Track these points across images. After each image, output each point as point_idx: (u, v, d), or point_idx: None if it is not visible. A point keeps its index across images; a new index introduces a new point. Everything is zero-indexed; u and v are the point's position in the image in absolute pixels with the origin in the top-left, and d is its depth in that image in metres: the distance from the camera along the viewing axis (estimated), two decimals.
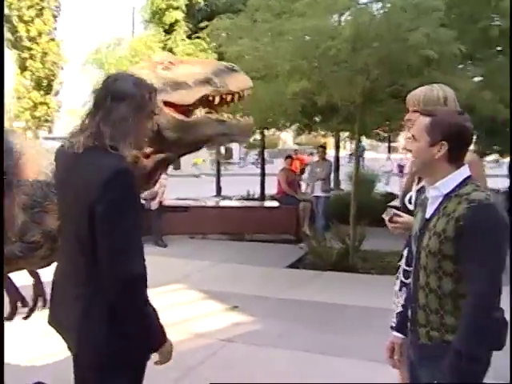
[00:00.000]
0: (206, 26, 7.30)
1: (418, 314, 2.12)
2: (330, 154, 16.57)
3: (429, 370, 2.06)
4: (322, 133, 13.02)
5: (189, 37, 10.35)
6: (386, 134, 16.27)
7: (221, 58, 7.89)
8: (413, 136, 2.13)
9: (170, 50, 10.24)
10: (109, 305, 1.91)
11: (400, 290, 2.83)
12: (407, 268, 2.79)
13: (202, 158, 25.24)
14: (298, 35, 6.19)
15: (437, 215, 2.06)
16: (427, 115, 2.10)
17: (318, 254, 7.86)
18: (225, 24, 6.73)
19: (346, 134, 13.43)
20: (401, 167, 19.98)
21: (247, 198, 12.89)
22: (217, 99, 2.89)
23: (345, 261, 7.58)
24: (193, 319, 5.38)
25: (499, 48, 7.92)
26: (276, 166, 15.90)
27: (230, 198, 13.26)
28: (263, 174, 13.42)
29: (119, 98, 1.98)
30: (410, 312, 2.21)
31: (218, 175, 15.69)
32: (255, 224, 9.95)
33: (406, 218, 2.63)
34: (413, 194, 2.78)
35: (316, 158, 11.10)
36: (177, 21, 10.56)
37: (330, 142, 20.55)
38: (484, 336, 1.92)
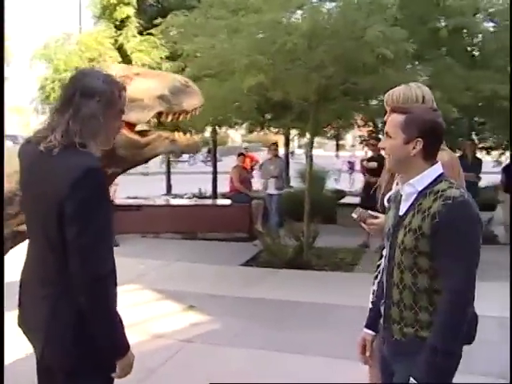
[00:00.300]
0: (160, 23, 7.19)
1: (392, 311, 2.13)
2: (280, 151, 16.62)
3: (403, 365, 2.07)
4: (274, 130, 13.06)
5: (140, 33, 10.17)
6: (334, 132, 16.48)
7: (174, 55, 7.79)
8: (386, 133, 2.13)
9: (121, 47, 10.07)
10: (77, 305, 1.86)
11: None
12: None
13: None
14: (253, 31, 6.17)
15: (411, 212, 2.06)
16: (401, 113, 2.10)
17: (272, 251, 7.88)
18: (179, 21, 6.64)
19: (295, 131, 13.56)
20: (351, 164, 20.29)
21: (199, 197, 12.79)
22: (170, 117, 2.99)
23: (299, 258, 7.62)
24: (150, 320, 5.29)
25: (445, 48, 8.16)
26: (225, 163, 15.86)
27: (181, 197, 13.13)
28: (215, 172, 13.35)
29: (88, 94, 1.93)
30: (382, 308, 2.21)
31: (169, 173, 15.52)
32: (208, 222, 9.90)
33: (382, 218, 2.63)
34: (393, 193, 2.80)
35: (268, 156, 11.13)
36: (128, 16, 10.33)
37: (280, 139, 20.60)
38: (459, 332, 1.94)
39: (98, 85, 1.94)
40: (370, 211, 2.70)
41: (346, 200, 12.43)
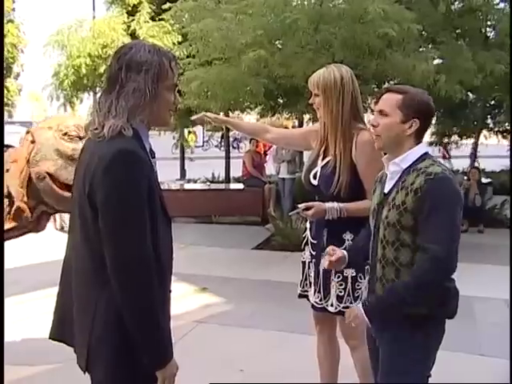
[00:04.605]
0: (170, 8, 7.21)
1: (376, 286, 2.18)
2: None
3: (387, 341, 2.14)
4: (286, 116, 12.99)
5: (152, 18, 10.19)
6: None
7: (185, 39, 7.82)
8: (381, 111, 2.16)
9: (134, 32, 10.11)
10: (117, 309, 1.70)
11: (311, 261, 2.94)
12: (314, 241, 2.91)
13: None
14: (260, 10, 6.15)
15: (396, 189, 2.12)
16: (398, 92, 2.15)
17: (284, 235, 7.94)
18: (189, 5, 6.66)
19: (309, 116, 13.46)
20: None
21: (212, 181, 12.84)
22: None
23: None
24: None
25: (458, 31, 8.10)
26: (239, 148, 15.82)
27: (194, 181, 13.19)
28: (228, 157, 13.36)
29: (135, 67, 1.74)
30: (368, 284, 2.28)
31: (183, 159, 15.55)
32: (221, 206, 9.97)
33: (315, 206, 2.79)
34: (318, 169, 2.89)
35: None
36: (140, 2, 10.36)
37: (292, 124, 20.43)
38: (428, 290, 2.04)
39: (144, 56, 1.74)
40: (300, 205, 2.84)
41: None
